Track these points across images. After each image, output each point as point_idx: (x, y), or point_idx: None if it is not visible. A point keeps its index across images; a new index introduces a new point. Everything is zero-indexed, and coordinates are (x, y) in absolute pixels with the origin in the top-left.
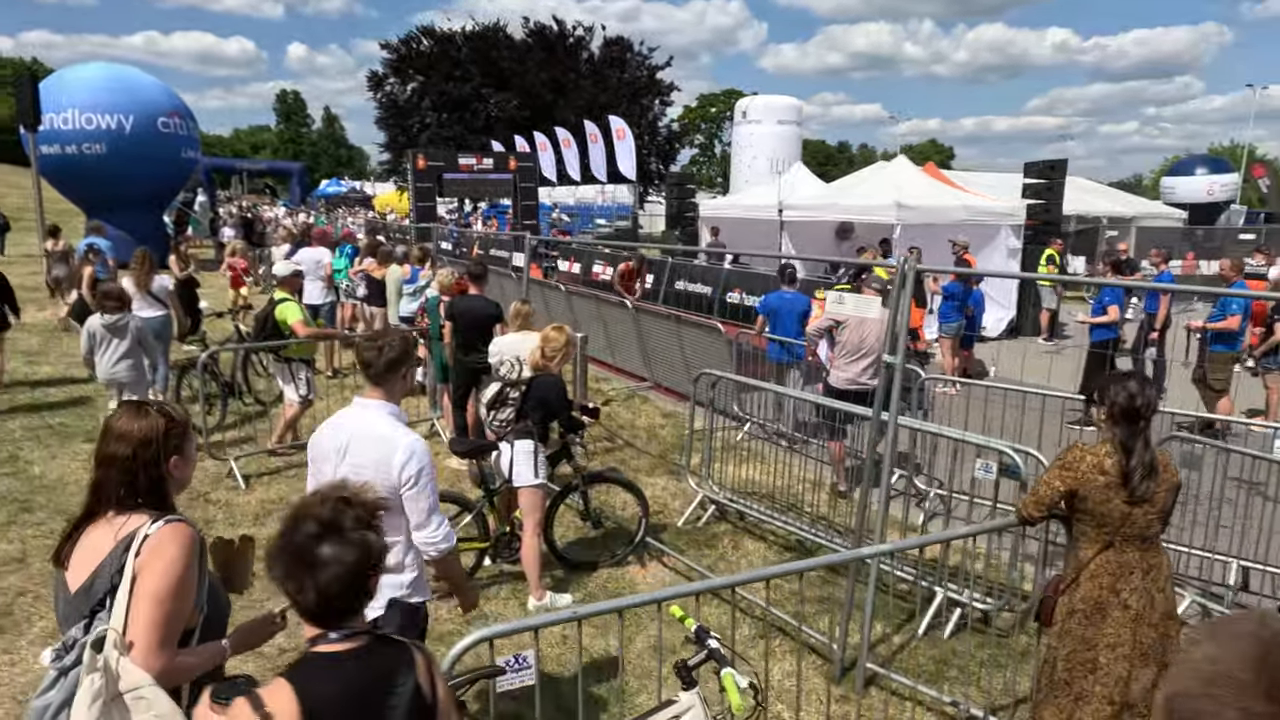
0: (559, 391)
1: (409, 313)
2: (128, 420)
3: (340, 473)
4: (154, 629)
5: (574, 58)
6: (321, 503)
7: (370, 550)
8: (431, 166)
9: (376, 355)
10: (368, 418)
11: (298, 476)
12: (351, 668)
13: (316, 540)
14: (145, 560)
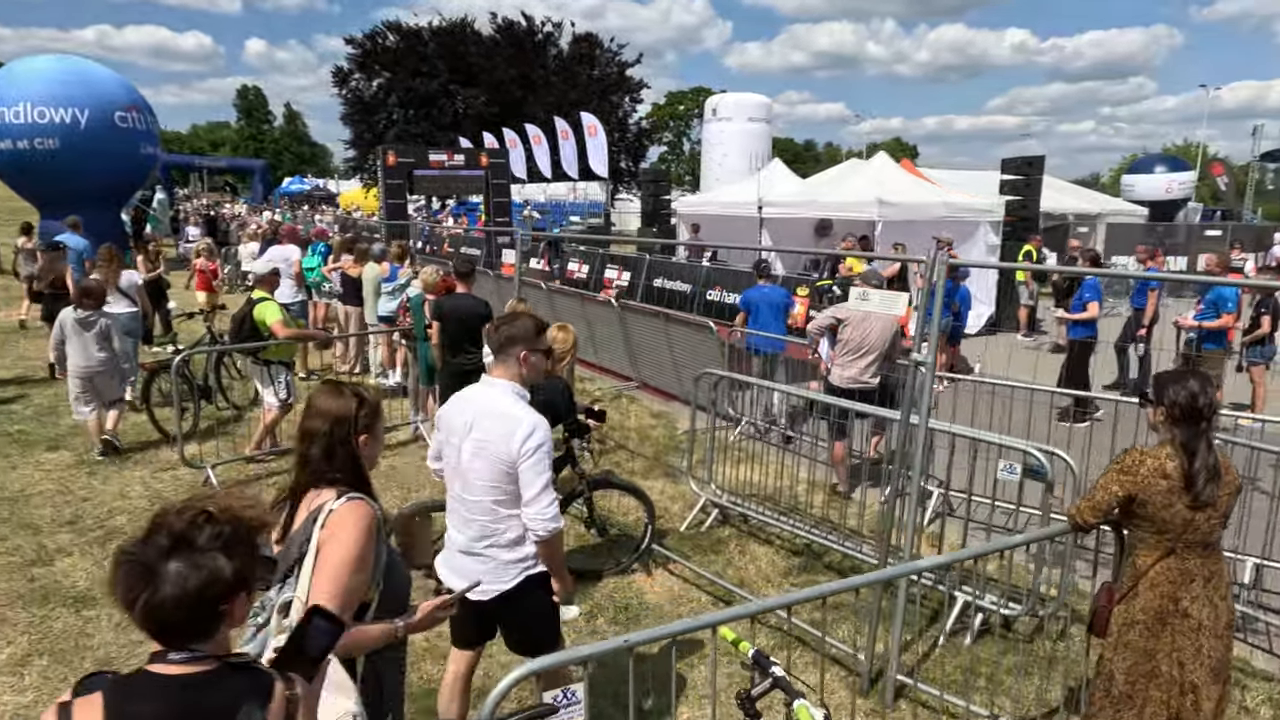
0: (565, 395)
1: (388, 312)
2: (325, 398)
3: (466, 447)
4: (331, 601)
5: (543, 54)
6: (180, 513)
7: (218, 577)
8: (402, 163)
9: (492, 332)
10: (493, 395)
11: (277, 484)
12: (178, 694)
13: (164, 555)
14: (327, 534)
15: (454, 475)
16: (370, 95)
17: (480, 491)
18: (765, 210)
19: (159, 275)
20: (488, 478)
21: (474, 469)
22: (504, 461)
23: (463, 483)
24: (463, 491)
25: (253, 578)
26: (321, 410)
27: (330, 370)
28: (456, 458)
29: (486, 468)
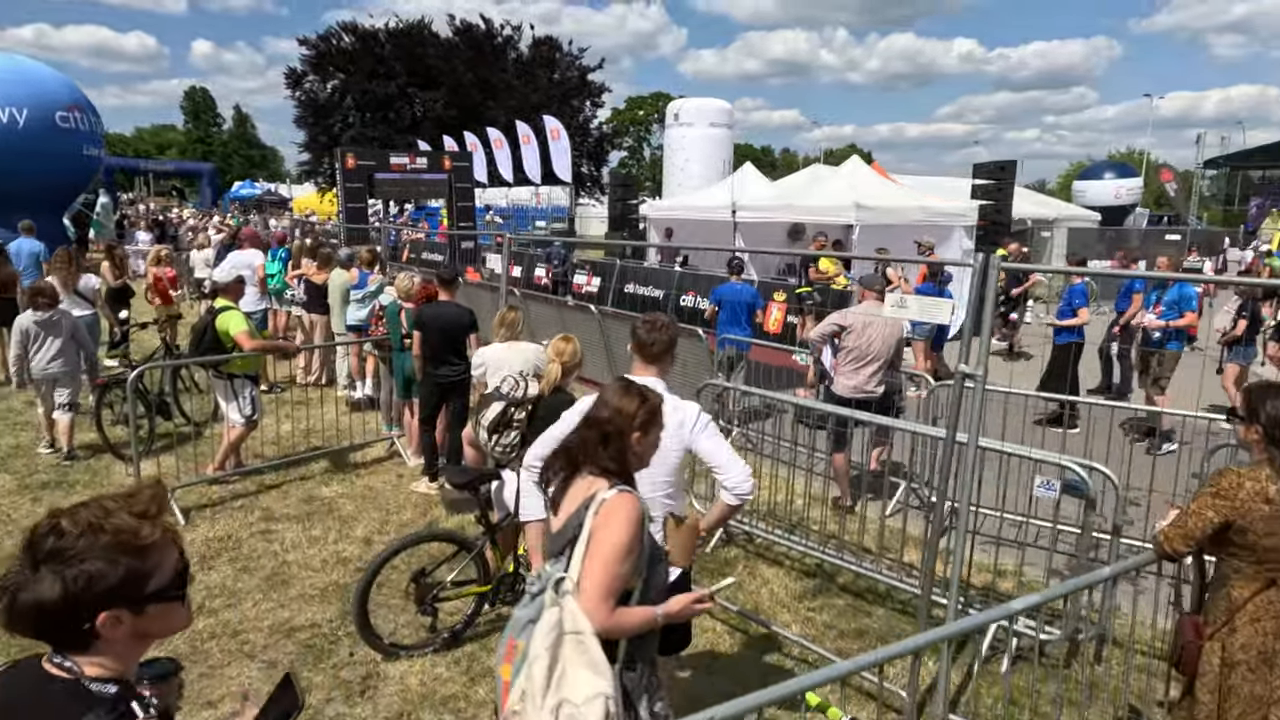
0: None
1: (357, 320)
2: (616, 394)
3: None
4: (600, 585)
5: (502, 57)
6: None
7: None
8: (361, 166)
9: (653, 334)
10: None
11: (245, 508)
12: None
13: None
14: (600, 522)
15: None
16: (325, 97)
17: (660, 488)
18: (739, 214)
19: (124, 284)
20: (659, 471)
21: (656, 467)
22: (676, 453)
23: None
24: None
25: (125, 595)
26: (609, 403)
27: (293, 382)
28: None
29: (670, 462)
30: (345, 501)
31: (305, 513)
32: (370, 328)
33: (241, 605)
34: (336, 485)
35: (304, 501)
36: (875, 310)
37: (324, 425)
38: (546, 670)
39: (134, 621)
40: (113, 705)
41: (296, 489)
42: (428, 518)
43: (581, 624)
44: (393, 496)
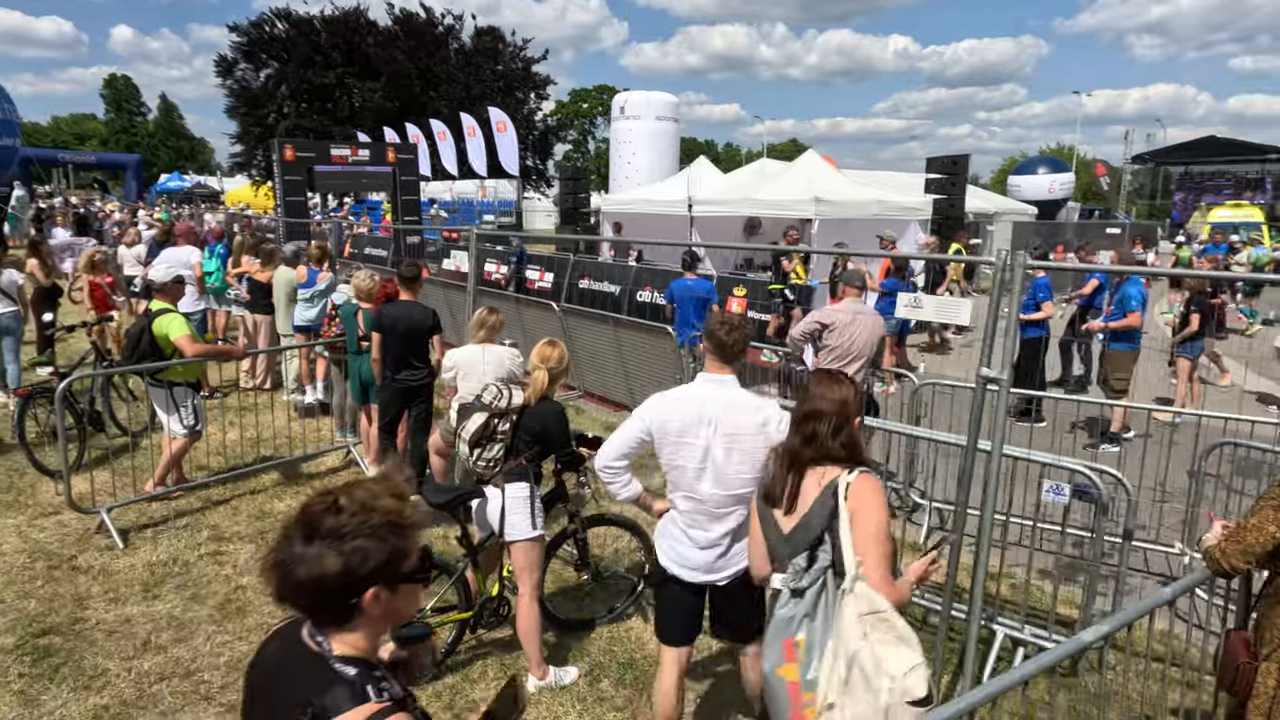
0: (560, 422)
1: (306, 321)
2: (829, 386)
3: (717, 444)
4: (881, 563)
5: (444, 47)
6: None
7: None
8: (301, 158)
9: (733, 334)
10: (727, 390)
11: (191, 527)
12: (294, 653)
13: (298, 542)
14: (856, 505)
15: (698, 475)
16: (258, 87)
17: (738, 485)
18: (695, 209)
19: (54, 283)
20: (747, 471)
21: (732, 465)
22: (758, 453)
23: (716, 480)
24: (715, 488)
25: (386, 574)
26: (827, 396)
27: (236, 386)
28: (702, 458)
29: (746, 463)
30: None
31: (258, 531)
32: (322, 329)
33: (193, 639)
34: (290, 499)
35: (256, 518)
36: (857, 307)
37: (272, 433)
38: (871, 655)
39: (389, 600)
40: (351, 686)
41: (247, 504)
42: None
43: (879, 603)
44: None
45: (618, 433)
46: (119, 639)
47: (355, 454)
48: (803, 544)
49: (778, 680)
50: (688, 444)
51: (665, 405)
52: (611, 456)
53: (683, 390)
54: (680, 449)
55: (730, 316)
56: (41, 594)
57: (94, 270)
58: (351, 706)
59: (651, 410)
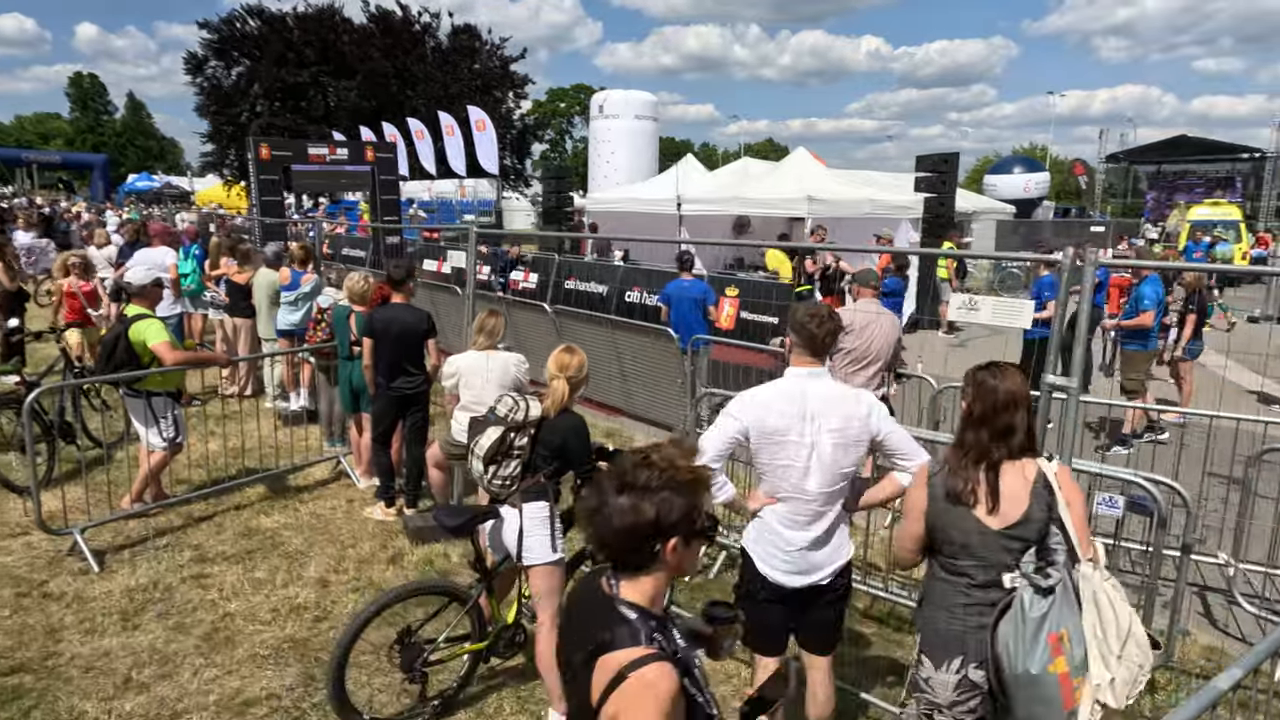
0: (580, 436)
1: (290, 325)
2: (998, 376)
3: (825, 441)
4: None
5: (420, 46)
6: (627, 459)
7: (641, 518)
8: (277, 157)
9: (824, 326)
10: (824, 383)
11: (172, 547)
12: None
13: (611, 491)
14: (1071, 492)
15: (804, 473)
16: (230, 85)
17: (842, 478)
18: (684, 208)
19: (19, 288)
20: (850, 464)
21: (838, 460)
22: (863, 443)
23: (822, 477)
24: (821, 486)
25: (685, 526)
26: (1002, 386)
27: (215, 393)
28: (809, 456)
29: (851, 454)
30: (291, 534)
31: (245, 550)
32: (307, 333)
33: (179, 675)
34: (278, 514)
35: (242, 536)
36: (874, 308)
37: (257, 443)
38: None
39: (682, 552)
40: (630, 627)
41: (232, 521)
42: (389, 550)
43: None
44: (345, 525)
45: (710, 434)
46: (96, 676)
47: (345, 465)
48: (1029, 540)
49: (1049, 678)
50: (792, 442)
51: (762, 403)
52: (713, 457)
53: (776, 387)
54: (784, 448)
55: (819, 308)
56: (9, 625)
57: (74, 275)
58: (628, 645)
59: (747, 409)
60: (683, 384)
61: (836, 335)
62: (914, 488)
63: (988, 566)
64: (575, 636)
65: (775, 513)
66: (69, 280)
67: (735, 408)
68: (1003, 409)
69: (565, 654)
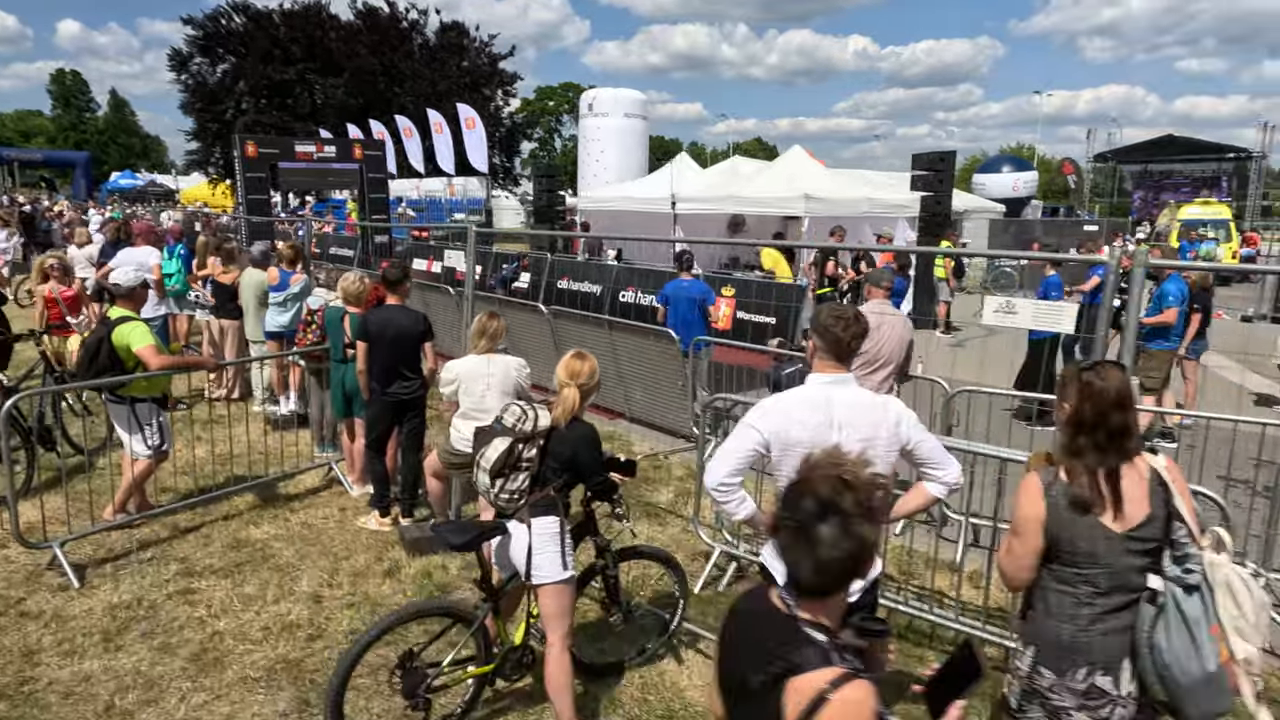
0: (592, 446)
1: (279, 326)
2: (1112, 376)
3: (851, 450)
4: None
5: (408, 43)
6: (822, 481)
7: (865, 543)
8: (264, 154)
9: (850, 329)
10: (850, 390)
11: (157, 560)
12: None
13: (816, 519)
14: (1179, 481)
15: None
16: (215, 82)
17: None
18: (679, 206)
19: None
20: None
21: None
22: (893, 453)
23: None
24: None
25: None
26: (1119, 389)
27: (201, 397)
28: None
29: (879, 465)
30: (281, 545)
31: (233, 563)
32: (297, 335)
33: (165, 700)
34: (268, 525)
35: (230, 548)
36: (885, 309)
37: (245, 449)
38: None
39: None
40: (819, 648)
41: (219, 532)
42: (385, 562)
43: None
44: (338, 536)
45: (728, 447)
46: (77, 702)
47: (338, 471)
48: (1154, 540)
49: (1222, 670)
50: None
51: (786, 412)
52: (723, 474)
53: (799, 395)
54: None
55: (844, 310)
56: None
57: (53, 280)
58: (819, 666)
59: (768, 419)
60: (683, 386)
61: (863, 339)
62: (1027, 503)
63: (1114, 572)
64: (750, 657)
65: None
66: (49, 286)
67: (755, 418)
68: (1114, 409)
69: (733, 673)
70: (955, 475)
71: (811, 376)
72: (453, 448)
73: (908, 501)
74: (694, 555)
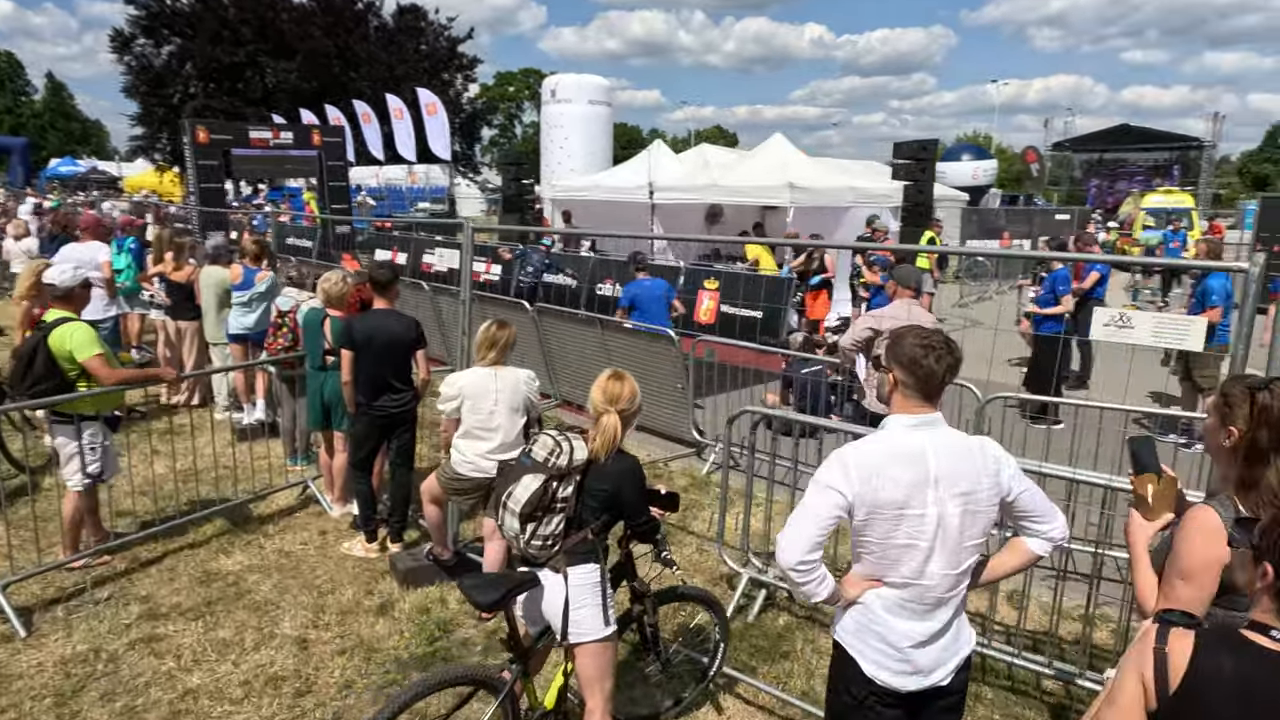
0: (636, 481)
1: (244, 328)
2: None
3: (953, 509)
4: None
5: (363, 25)
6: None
7: None
8: (216, 140)
9: (941, 359)
10: (942, 434)
11: (116, 601)
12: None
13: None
14: None
15: (928, 555)
16: (161, 64)
17: (969, 555)
18: (657, 196)
19: None
20: (979, 535)
21: (968, 532)
22: (994, 507)
23: (949, 556)
24: (947, 568)
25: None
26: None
27: (158, 404)
28: (934, 532)
29: (980, 523)
30: (257, 578)
31: (203, 601)
32: (266, 339)
33: None
34: (240, 554)
35: (200, 582)
36: (915, 310)
37: (211, 463)
38: None
39: None
40: None
41: (186, 563)
42: (375, 596)
43: None
44: (320, 565)
45: (805, 514)
46: None
47: (314, 490)
48: None
49: None
50: (913, 515)
51: (874, 469)
52: (803, 551)
53: (885, 445)
54: (902, 523)
55: (933, 336)
56: None
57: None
58: None
59: (852, 478)
60: (683, 389)
61: (958, 370)
62: (1205, 545)
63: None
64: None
65: (884, 600)
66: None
67: (835, 477)
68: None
69: None
70: (1061, 530)
71: (894, 419)
72: (454, 471)
73: (1005, 562)
74: (713, 579)
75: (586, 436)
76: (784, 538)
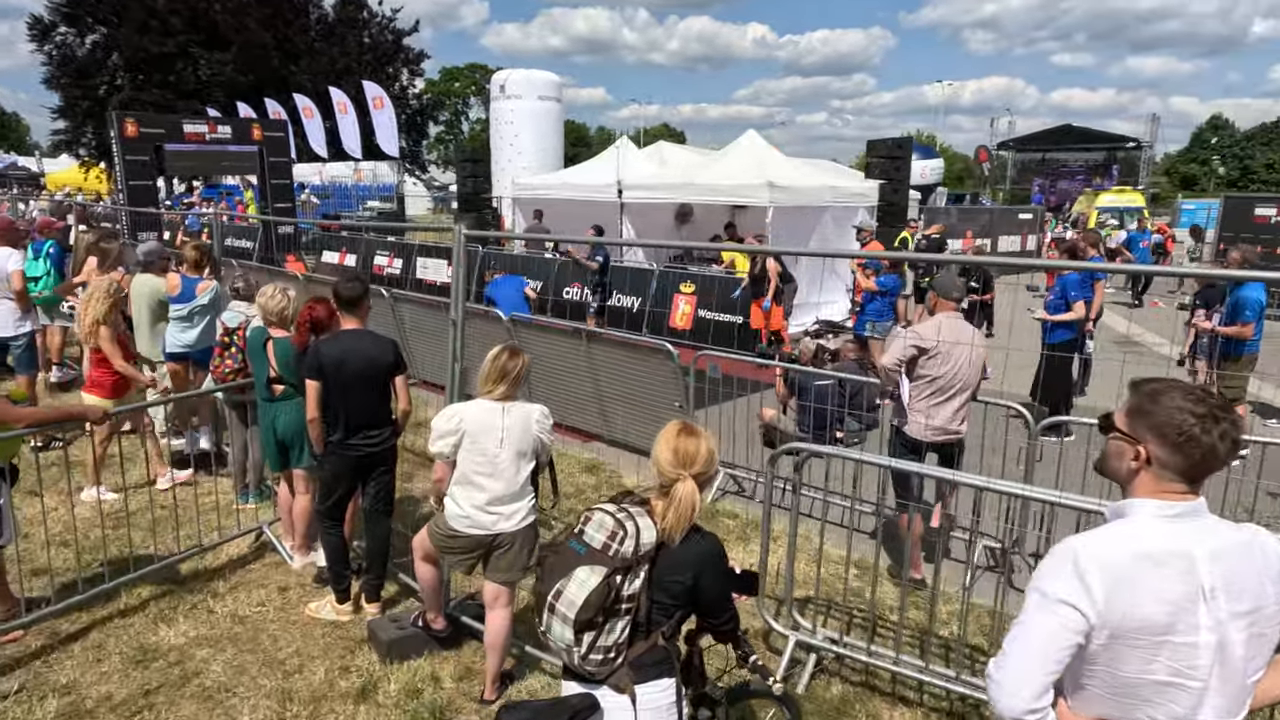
0: (719, 567)
1: (184, 346)
2: None
3: (1229, 632)
4: None
5: (303, 16)
6: None
7: None
8: (146, 135)
9: (1210, 431)
10: (1209, 528)
11: (29, 693)
12: None
13: None
14: None
15: (1200, 695)
16: (85, 54)
17: (1249, 694)
18: (626, 194)
19: None
20: (1261, 666)
21: (1251, 662)
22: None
23: (1228, 696)
24: (1225, 712)
25: None
26: None
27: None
28: (1210, 664)
29: (1265, 649)
30: (206, 654)
31: (140, 689)
32: (212, 360)
33: None
34: (185, 621)
35: (135, 663)
36: (958, 325)
37: (146, 505)
38: None
39: None
40: None
41: (117, 637)
42: (354, 675)
43: None
44: (283, 634)
45: (1024, 646)
46: None
47: (270, 537)
48: None
49: None
50: (1183, 644)
51: (1119, 574)
52: (1032, 697)
53: (1132, 541)
54: (1164, 652)
55: (1206, 399)
56: None
57: None
58: None
59: (1087, 587)
60: (681, 407)
61: (1239, 449)
62: None
63: None
64: None
65: None
66: None
67: (1068, 587)
68: None
69: None
70: None
71: (1142, 506)
72: (449, 526)
73: (1273, 687)
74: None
75: (650, 510)
76: (1002, 674)
